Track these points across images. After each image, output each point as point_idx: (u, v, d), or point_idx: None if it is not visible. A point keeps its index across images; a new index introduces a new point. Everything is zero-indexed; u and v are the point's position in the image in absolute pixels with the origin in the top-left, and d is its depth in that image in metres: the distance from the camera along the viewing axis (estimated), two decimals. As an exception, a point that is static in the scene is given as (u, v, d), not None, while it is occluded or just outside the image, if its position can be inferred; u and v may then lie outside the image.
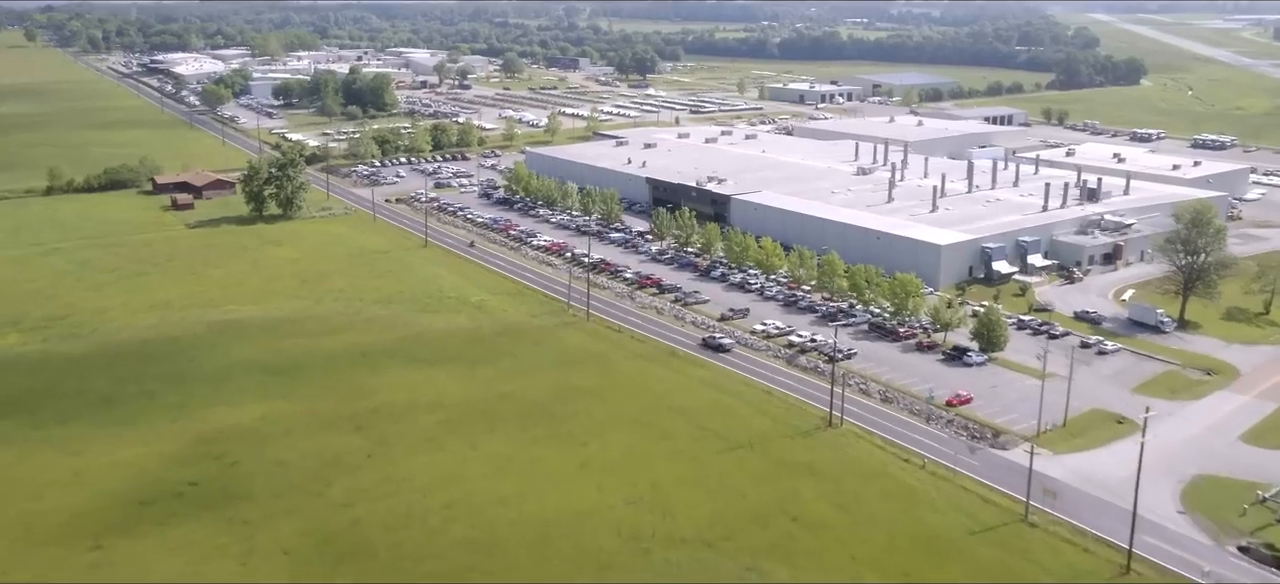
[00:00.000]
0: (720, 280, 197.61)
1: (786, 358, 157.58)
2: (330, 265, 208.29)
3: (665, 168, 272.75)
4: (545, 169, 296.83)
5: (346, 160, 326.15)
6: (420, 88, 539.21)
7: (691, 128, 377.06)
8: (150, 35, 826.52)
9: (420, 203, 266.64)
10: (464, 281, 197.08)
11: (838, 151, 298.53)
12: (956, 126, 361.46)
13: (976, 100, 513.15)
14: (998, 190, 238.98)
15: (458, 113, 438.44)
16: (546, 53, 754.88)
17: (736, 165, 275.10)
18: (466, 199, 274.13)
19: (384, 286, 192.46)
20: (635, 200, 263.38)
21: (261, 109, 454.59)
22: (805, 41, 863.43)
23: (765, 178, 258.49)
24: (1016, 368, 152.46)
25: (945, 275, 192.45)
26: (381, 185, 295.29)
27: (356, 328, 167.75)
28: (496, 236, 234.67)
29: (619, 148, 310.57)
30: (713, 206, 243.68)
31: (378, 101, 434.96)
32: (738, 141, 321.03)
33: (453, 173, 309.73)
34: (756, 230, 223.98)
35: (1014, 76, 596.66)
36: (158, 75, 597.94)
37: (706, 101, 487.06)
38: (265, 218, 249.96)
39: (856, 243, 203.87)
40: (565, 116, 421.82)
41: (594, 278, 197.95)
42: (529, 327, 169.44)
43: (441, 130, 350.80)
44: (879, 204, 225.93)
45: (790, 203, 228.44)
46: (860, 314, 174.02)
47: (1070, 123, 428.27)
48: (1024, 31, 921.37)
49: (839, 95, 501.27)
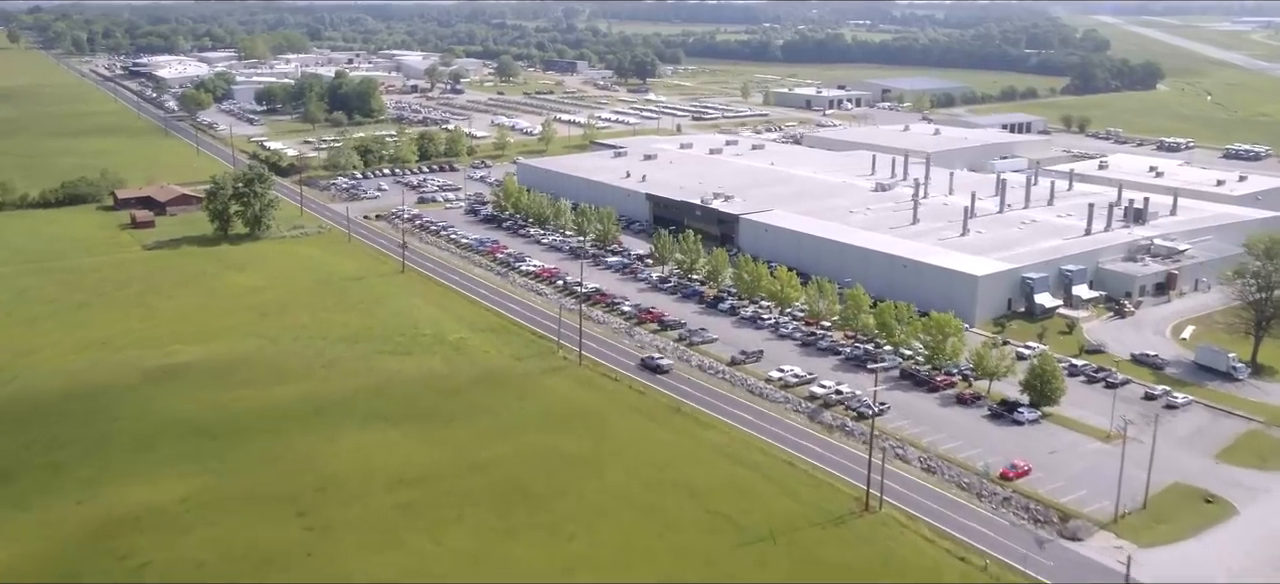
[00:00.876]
0: (729, 314, 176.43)
1: (808, 412, 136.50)
2: (294, 295, 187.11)
3: (667, 182, 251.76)
4: (538, 182, 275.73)
5: (326, 171, 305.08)
6: (411, 92, 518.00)
7: (694, 136, 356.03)
8: (137, 37, 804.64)
9: (400, 221, 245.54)
10: (442, 314, 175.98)
11: (852, 164, 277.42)
12: (976, 136, 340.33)
13: (991, 106, 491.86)
14: (1032, 209, 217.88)
15: (448, 119, 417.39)
16: (543, 56, 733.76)
17: (743, 179, 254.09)
18: (452, 216, 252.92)
19: (351, 321, 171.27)
20: (635, 218, 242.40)
21: (242, 115, 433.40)
22: (809, 44, 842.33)
23: (775, 194, 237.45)
24: (1076, 427, 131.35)
25: (982, 310, 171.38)
26: (361, 200, 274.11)
27: (314, 375, 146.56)
28: (482, 260, 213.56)
29: (617, 159, 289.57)
30: (719, 226, 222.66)
31: (364, 107, 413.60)
32: (744, 152, 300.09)
33: (439, 185, 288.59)
34: (767, 254, 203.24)
35: (1027, 81, 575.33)
36: (140, 79, 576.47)
37: (709, 107, 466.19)
38: (230, 238, 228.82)
39: (880, 271, 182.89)
40: (561, 123, 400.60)
41: (588, 310, 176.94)
42: (512, 373, 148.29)
43: (428, 139, 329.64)
44: (903, 226, 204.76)
45: (805, 224, 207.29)
46: (889, 358, 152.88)
47: (1092, 131, 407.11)
48: (1032, 34, 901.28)
49: (847, 101, 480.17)
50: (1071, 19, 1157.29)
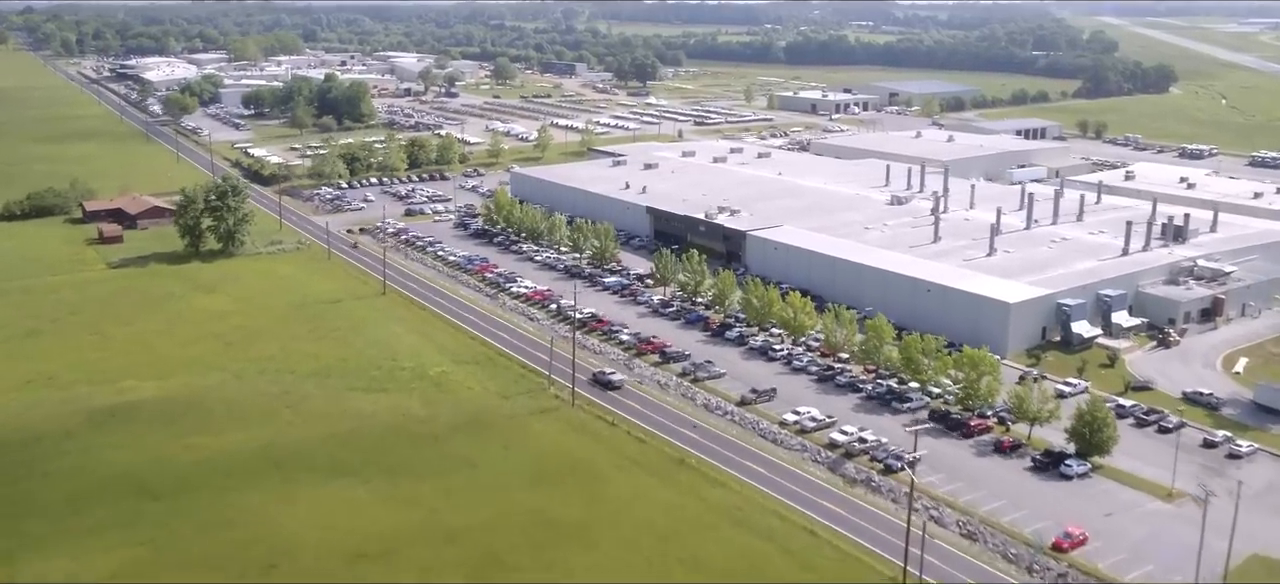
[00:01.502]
0: (737, 343, 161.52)
1: (828, 463, 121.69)
2: (265, 321, 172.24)
3: (668, 194, 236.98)
4: (532, 193, 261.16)
5: (310, 181, 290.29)
6: (404, 95, 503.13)
7: (696, 142, 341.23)
8: (128, 38, 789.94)
9: (384, 235, 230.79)
10: (424, 343, 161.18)
11: (864, 173, 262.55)
12: (991, 143, 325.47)
13: (1002, 110, 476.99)
14: (1061, 225, 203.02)
15: (442, 124, 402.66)
16: (541, 58, 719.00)
17: (749, 191, 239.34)
18: (440, 230, 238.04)
19: (324, 353, 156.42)
20: (634, 233, 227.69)
21: (228, 119, 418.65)
22: (812, 46, 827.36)
23: (784, 207, 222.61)
24: (1131, 482, 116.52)
25: (1015, 340, 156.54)
26: (345, 211, 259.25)
27: (277, 418, 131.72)
28: (470, 280, 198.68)
29: (616, 168, 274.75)
30: (724, 243, 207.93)
31: (353, 112, 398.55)
32: (749, 161, 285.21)
33: (428, 196, 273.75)
34: (777, 274, 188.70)
35: (1037, 84, 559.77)
36: (127, 81, 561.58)
37: (711, 111, 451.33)
38: (202, 255, 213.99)
39: (900, 295, 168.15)
40: (558, 129, 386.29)
41: (583, 338, 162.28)
42: (497, 415, 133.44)
43: (419, 146, 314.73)
44: (924, 245, 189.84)
45: (818, 242, 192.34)
46: (916, 397, 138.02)
47: (1109, 136, 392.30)
48: (1038, 35, 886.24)
49: (854, 105, 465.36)
50: (1075, 20, 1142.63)
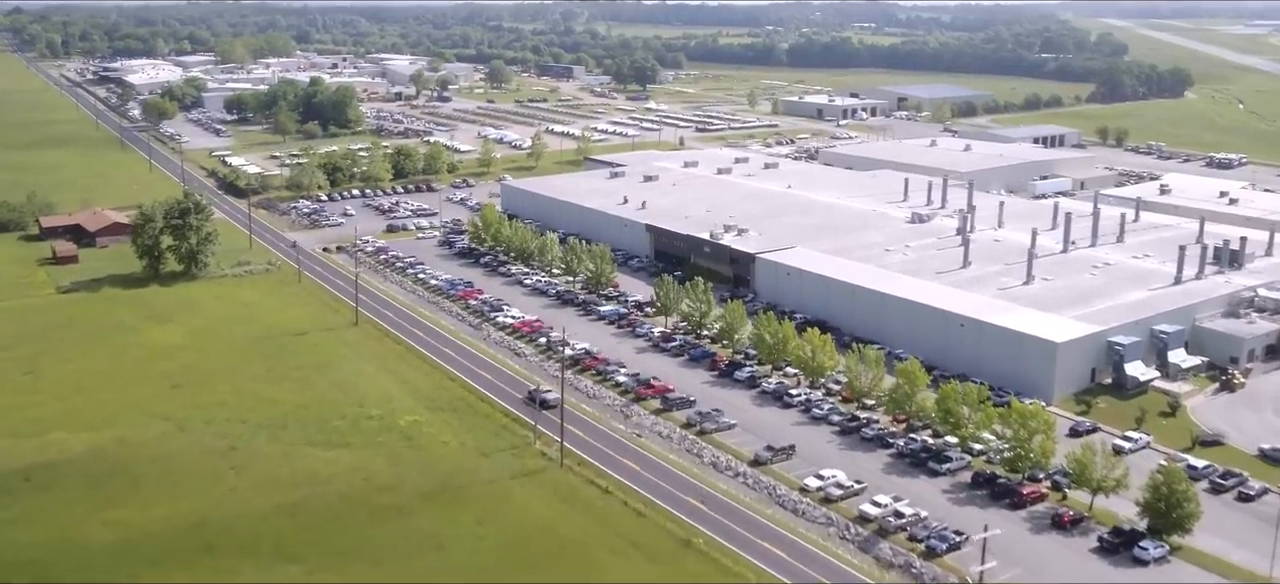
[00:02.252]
0: (748, 386, 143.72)
1: (859, 542, 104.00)
2: (221, 358, 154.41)
3: (670, 210, 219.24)
4: (524, 207, 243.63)
5: (289, 192, 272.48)
6: (395, 100, 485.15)
7: (698, 151, 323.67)
8: (116, 39, 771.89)
9: (362, 254, 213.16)
10: (396, 384, 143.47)
11: (879, 186, 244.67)
12: (1011, 152, 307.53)
13: (1016, 116, 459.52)
14: (1101, 248, 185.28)
15: (432, 130, 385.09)
16: (539, 60, 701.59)
17: (757, 206, 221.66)
18: (423, 248, 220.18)
19: (283, 397, 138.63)
20: (633, 253, 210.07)
21: (209, 125, 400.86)
22: (815, 48, 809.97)
23: (796, 226, 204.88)
24: (1221, 569, 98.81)
25: (1062, 383, 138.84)
26: (322, 227, 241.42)
27: (219, 482, 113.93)
28: (452, 307, 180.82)
29: (614, 180, 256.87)
30: (732, 266, 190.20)
31: (340, 117, 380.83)
32: (756, 173, 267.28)
33: (412, 209, 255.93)
34: (790, 302, 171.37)
35: (1049, 88, 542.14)
36: (109, 84, 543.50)
37: (713, 117, 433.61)
38: (161, 277, 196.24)
39: (929, 330, 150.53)
40: (554, 135, 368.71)
41: (575, 379, 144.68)
42: (474, 479, 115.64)
43: (405, 155, 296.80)
44: (952, 270, 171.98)
45: (834, 267, 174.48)
46: (955, 455, 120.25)
47: (1131, 144, 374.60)
48: (1045, 38, 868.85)
49: (861, 110, 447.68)
50: (1080, 22, 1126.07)
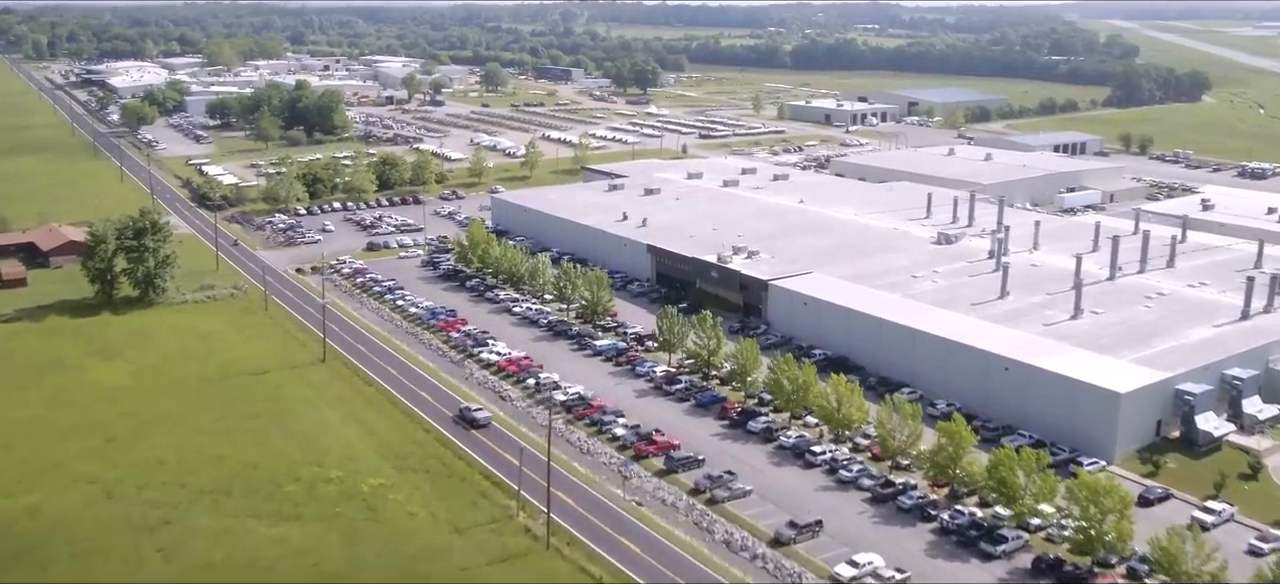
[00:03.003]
0: (764, 438, 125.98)
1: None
2: (168, 402, 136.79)
3: (673, 227, 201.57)
4: (516, 223, 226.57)
5: (266, 205, 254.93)
6: (386, 104, 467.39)
7: (703, 160, 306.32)
8: (104, 40, 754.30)
9: (339, 277, 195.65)
10: (362, 437, 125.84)
11: (899, 201, 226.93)
12: (1034, 162, 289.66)
13: (1031, 121, 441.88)
14: (1151, 275, 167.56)
15: (422, 137, 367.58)
16: (537, 62, 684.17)
17: (768, 224, 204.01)
18: (404, 270, 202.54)
19: (232, 453, 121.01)
20: (634, 275, 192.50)
21: (190, 130, 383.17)
22: (819, 50, 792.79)
23: (810, 247, 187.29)
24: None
25: (1125, 438, 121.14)
26: (298, 244, 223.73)
27: (142, 568, 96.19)
28: (432, 340, 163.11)
29: (612, 193, 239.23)
30: (742, 293, 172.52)
31: (325, 123, 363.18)
32: (765, 185, 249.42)
33: (397, 224, 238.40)
34: (807, 334, 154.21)
35: (1065, 92, 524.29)
36: (92, 86, 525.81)
37: (717, 122, 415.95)
38: (115, 304, 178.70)
39: (968, 373, 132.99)
40: (550, 142, 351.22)
41: (567, 430, 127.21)
42: (444, 562, 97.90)
43: (390, 165, 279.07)
44: (989, 301, 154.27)
45: (857, 296, 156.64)
46: (1011, 534, 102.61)
47: (1155, 152, 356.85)
48: (1054, 40, 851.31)
49: (871, 115, 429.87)
50: (1086, 23, 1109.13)
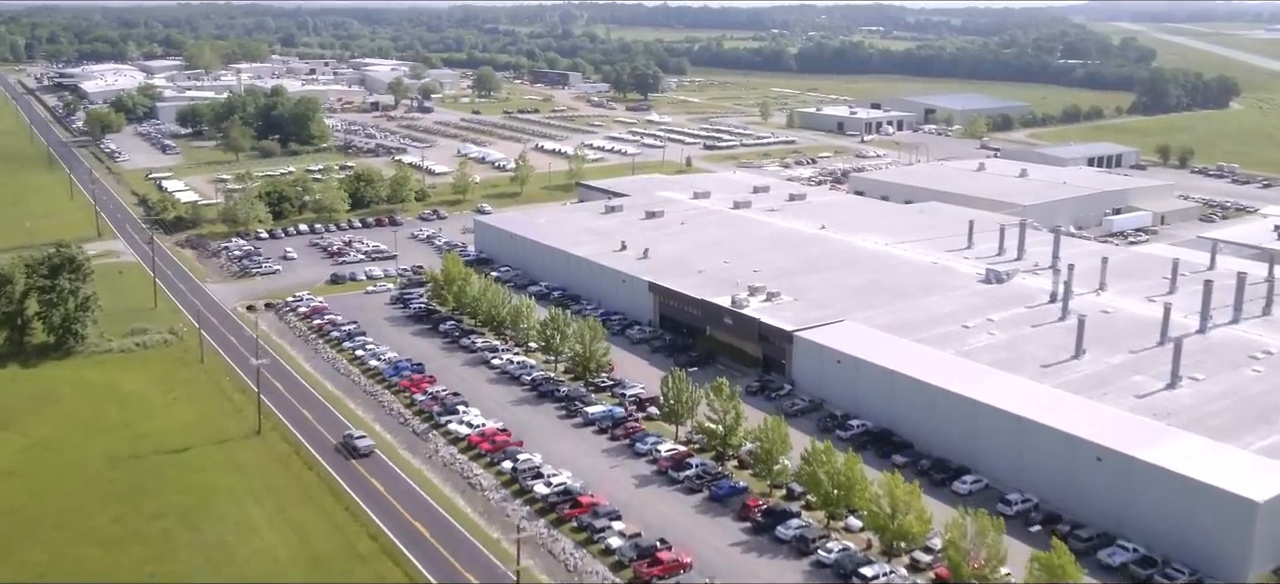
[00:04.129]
0: (797, 550, 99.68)
1: None
2: (59, 494, 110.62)
3: (679, 260, 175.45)
4: (500, 250, 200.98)
5: (225, 227, 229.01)
6: (370, 110, 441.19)
7: (709, 175, 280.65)
8: (85, 42, 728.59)
9: (294, 317, 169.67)
10: (291, 547, 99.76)
11: (933, 226, 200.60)
12: (1075, 179, 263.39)
13: (1055, 130, 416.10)
14: (1246, 323, 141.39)
15: (406, 147, 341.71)
16: (533, 65, 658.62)
17: (787, 257, 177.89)
18: (372, 307, 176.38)
19: (122, 570, 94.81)
20: (634, 317, 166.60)
21: (158, 140, 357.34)
22: (826, 53, 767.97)
23: (837, 284, 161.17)
24: None
25: (1261, 554, 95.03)
26: (254, 275, 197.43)
27: None
28: (393, 402, 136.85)
29: (609, 216, 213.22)
30: (761, 344, 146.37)
31: (301, 132, 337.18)
32: (779, 206, 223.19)
33: (368, 250, 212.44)
34: (841, 399, 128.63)
35: (1089, 98, 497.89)
36: (64, 91, 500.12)
37: (723, 131, 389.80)
38: (26, 354, 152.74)
39: (1048, 459, 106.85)
40: (543, 153, 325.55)
41: (550, 534, 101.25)
42: None
43: (365, 180, 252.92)
44: (1061, 360, 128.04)
45: (902, 355, 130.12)
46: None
47: (1198, 165, 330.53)
48: (1067, 43, 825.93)
49: (886, 123, 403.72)
50: (1094, 26, 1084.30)
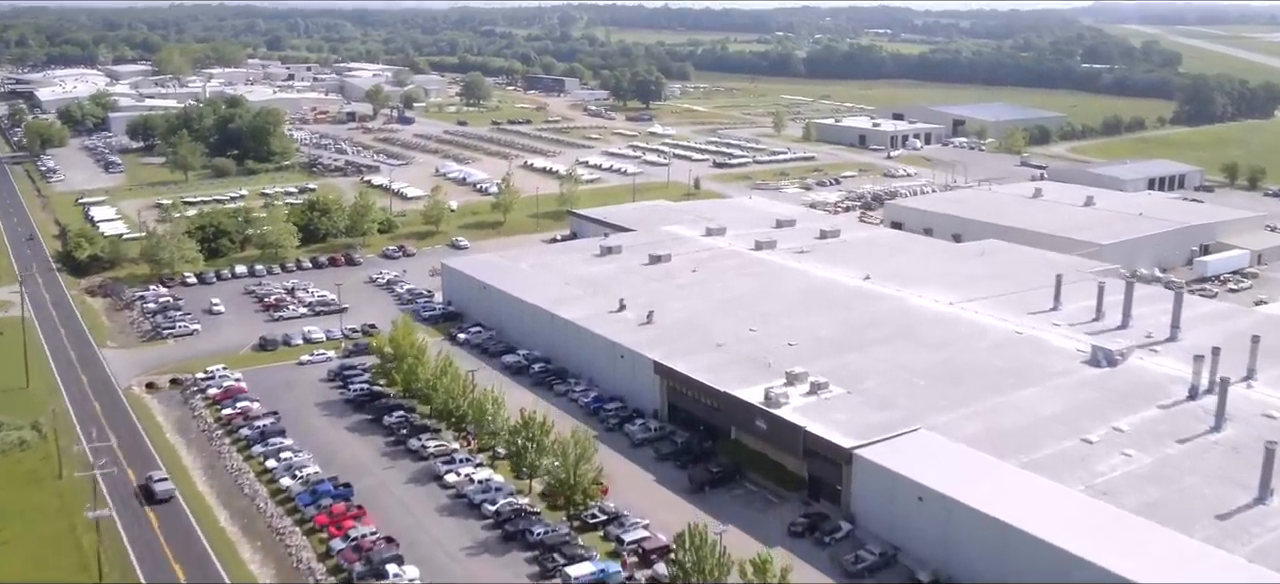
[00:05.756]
0: None
1: None
2: None
3: (691, 327, 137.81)
4: (472, 304, 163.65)
5: (150, 268, 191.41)
6: (346, 121, 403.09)
7: (722, 201, 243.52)
8: (55, 45, 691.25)
9: (200, 403, 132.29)
10: None
11: (999, 273, 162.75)
12: (1153, 209, 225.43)
13: (1097, 143, 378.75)
14: None
15: (378, 165, 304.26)
16: (527, 70, 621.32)
17: (829, 322, 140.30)
18: (302, 388, 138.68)
19: None
20: (636, 404, 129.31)
21: (103, 156, 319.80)
22: (835, 57, 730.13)
23: (899, 365, 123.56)
24: None
25: None
26: (166, 336, 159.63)
27: None
28: (304, 552, 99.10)
29: (605, 259, 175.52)
30: (806, 461, 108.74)
31: (260, 149, 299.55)
32: (809, 245, 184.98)
33: (314, 300, 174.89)
34: (926, 550, 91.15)
35: (1130, 108, 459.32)
36: (17, 99, 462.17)
37: (732, 145, 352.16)
38: None
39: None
40: (533, 172, 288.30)
41: None
42: None
43: (319, 211, 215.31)
44: (1242, 506, 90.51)
45: (1011, 494, 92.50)
46: None
47: (1270, 187, 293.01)
48: (1088, 47, 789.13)
49: (913, 137, 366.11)
50: (1109, 29, 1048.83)
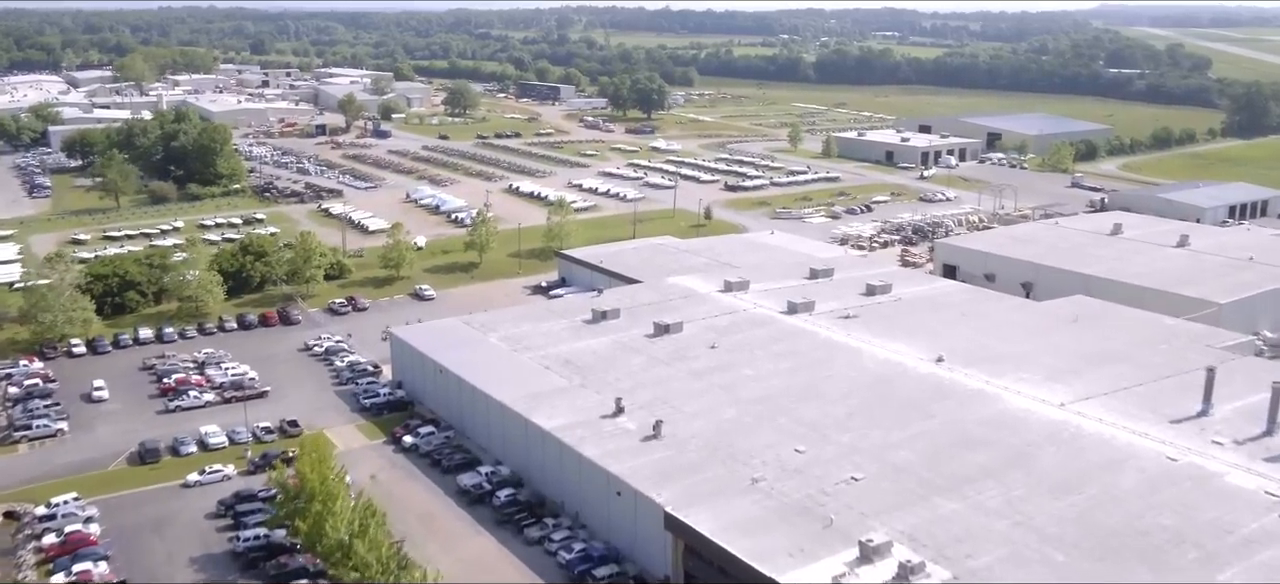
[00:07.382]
0: None
1: None
2: None
3: (711, 445, 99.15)
4: (426, 389, 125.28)
5: (31, 332, 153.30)
6: (316, 134, 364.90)
7: (740, 237, 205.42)
8: (23, 48, 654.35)
9: (25, 559, 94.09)
10: None
11: (1106, 348, 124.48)
12: (1254, 248, 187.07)
13: (1149, 159, 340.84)
14: None
15: (341, 189, 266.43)
16: (520, 75, 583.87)
17: (903, 439, 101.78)
18: (176, 533, 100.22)
19: None
20: (639, 563, 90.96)
21: (32, 177, 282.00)
22: (846, 62, 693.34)
23: (1019, 519, 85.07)
24: None
25: None
26: (19, 440, 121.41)
27: None
28: None
29: (597, 329, 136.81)
30: (901, 701, 70.38)
31: (206, 170, 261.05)
32: (856, 305, 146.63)
33: (228, 381, 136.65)
34: None
35: (1179, 118, 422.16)
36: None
37: (745, 162, 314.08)
38: None
39: None
40: (519, 197, 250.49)
41: None
42: None
43: (253, 255, 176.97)
44: None
45: None
46: None
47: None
48: (1112, 51, 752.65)
49: (947, 153, 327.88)
50: (1127, 32, 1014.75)
